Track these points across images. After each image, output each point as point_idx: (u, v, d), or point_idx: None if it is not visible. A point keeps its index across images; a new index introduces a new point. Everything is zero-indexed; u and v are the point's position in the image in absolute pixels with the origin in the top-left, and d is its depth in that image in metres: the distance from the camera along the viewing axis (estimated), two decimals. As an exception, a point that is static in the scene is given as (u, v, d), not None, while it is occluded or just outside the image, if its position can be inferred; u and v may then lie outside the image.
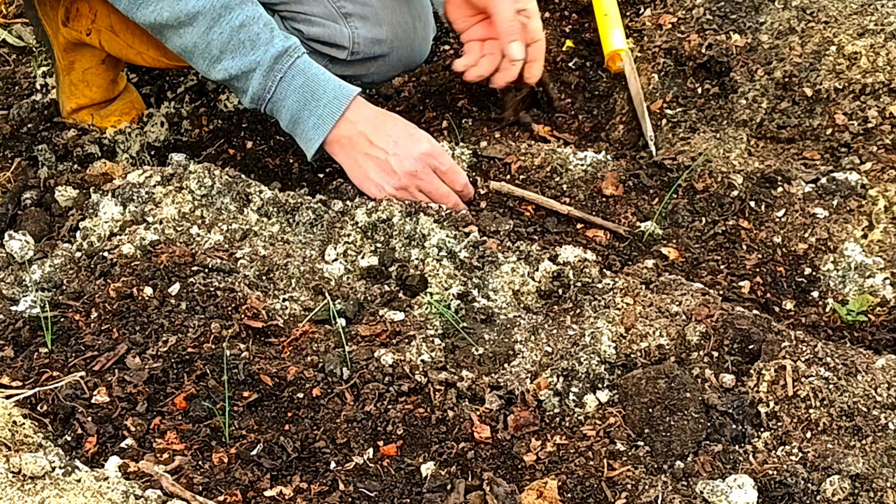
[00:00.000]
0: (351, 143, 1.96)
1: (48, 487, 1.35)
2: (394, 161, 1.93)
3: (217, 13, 1.91)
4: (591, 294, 1.74)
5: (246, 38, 1.93)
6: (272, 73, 1.94)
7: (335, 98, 1.94)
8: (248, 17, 1.93)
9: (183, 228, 1.90)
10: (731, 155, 2.11)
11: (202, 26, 1.92)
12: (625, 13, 2.54)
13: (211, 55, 1.95)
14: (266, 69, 1.93)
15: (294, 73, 1.94)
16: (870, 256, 1.88)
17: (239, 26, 1.92)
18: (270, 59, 1.93)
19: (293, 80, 1.94)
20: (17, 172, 2.19)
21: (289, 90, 1.94)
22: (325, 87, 1.95)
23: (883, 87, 2.13)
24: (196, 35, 1.93)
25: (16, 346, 1.71)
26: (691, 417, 1.52)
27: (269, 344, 1.70)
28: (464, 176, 1.99)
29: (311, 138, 1.97)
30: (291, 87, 1.94)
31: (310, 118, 1.95)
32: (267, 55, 1.93)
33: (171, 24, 1.94)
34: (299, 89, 1.94)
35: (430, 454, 1.52)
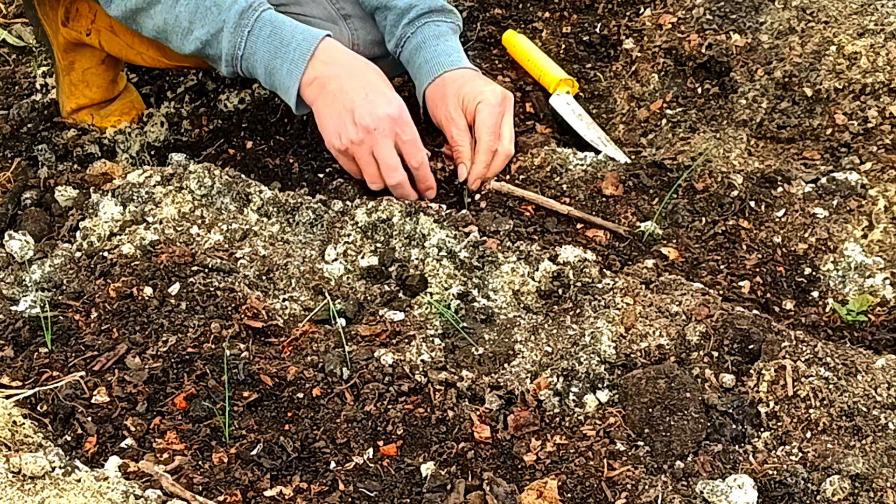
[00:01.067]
0: (322, 85, 1.93)
1: (48, 487, 1.35)
2: (357, 112, 1.90)
3: None
4: (591, 294, 1.74)
5: (211, 4, 1.93)
6: (239, 30, 1.93)
7: (304, 41, 1.92)
8: None
9: (183, 228, 1.90)
10: (731, 155, 2.11)
11: (169, 2, 1.94)
12: (625, 13, 2.54)
13: (181, 28, 1.95)
14: (233, 26, 1.93)
15: (261, 24, 1.93)
16: (870, 256, 1.88)
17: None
18: (235, 16, 1.93)
19: (261, 31, 1.93)
20: (17, 172, 2.19)
21: (258, 42, 1.93)
22: (294, 32, 1.93)
23: (883, 87, 2.13)
24: (165, 11, 1.95)
25: (16, 346, 1.71)
26: (691, 417, 1.52)
27: (269, 344, 1.70)
28: (423, 156, 1.96)
29: (288, 86, 1.94)
30: (260, 39, 1.93)
31: (283, 65, 1.93)
32: (231, 12, 1.93)
33: (141, 7, 1.95)
34: (267, 39, 1.93)
35: (430, 454, 1.52)
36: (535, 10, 2.61)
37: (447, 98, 2.10)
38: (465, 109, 2.09)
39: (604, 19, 2.56)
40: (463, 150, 2.08)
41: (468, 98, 2.08)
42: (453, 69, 2.12)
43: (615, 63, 2.47)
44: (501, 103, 2.08)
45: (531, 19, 2.59)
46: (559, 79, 2.34)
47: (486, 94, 2.07)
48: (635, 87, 2.39)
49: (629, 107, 2.34)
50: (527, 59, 2.43)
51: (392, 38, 2.21)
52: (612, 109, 2.38)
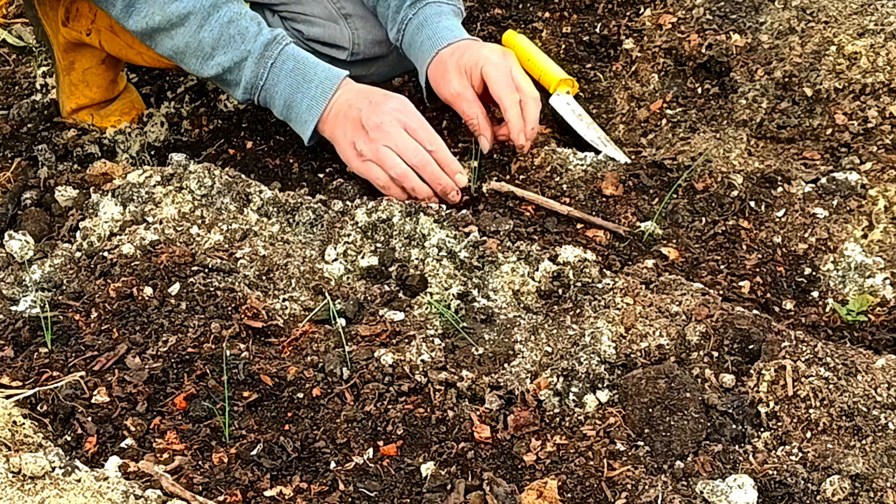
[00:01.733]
0: (337, 117, 1.98)
1: (48, 487, 1.35)
2: (364, 116, 1.94)
3: (206, 12, 1.96)
4: (591, 294, 1.74)
5: (235, 33, 1.97)
6: (263, 60, 1.98)
7: (326, 79, 1.98)
8: (235, 14, 1.98)
9: (183, 228, 1.90)
10: (731, 155, 2.11)
11: (193, 26, 1.97)
12: (625, 13, 2.54)
13: (203, 52, 1.99)
14: (257, 57, 1.98)
15: (284, 58, 1.98)
16: (870, 256, 1.88)
17: (228, 22, 1.97)
18: (261, 47, 1.97)
19: (284, 64, 1.98)
20: (17, 172, 2.19)
21: (280, 75, 1.99)
22: (316, 69, 1.99)
23: (883, 87, 2.13)
24: (188, 35, 1.97)
25: (16, 346, 1.71)
26: (691, 417, 1.52)
27: (269, 344, 1.70)
28: (437, 138, 1.97)
29: (306, 120, 1.99)
30: (283, 72, 1.98)
31: (303, 100, 1.98)
32: (257, 44, 1.97)
33: (163, 27, 1.98)
34: (290, 73, 1.98)
35: (430, 454, 1.52)
36: (535, 10, 2.61)
37: (448, 73, 2.09)
38: (470, 78, 2.08)
39: (604, 19, 2.56)
40: (478, 122, 2.08)
41: (469, 65, 2.07)
42: (451, 43, 2.11)
43: (615, 63, 2.47)
44: (505, 58, 2.08)
45: (531, 19, 2.59)
46: (559, 79, 2.34)
47: (485, 55, 2.06)
48: (635, 87, 2.39)
49: (629, 107, 2.34)
50: (527, 58, 2.43)
51: (394, 24, 2.20)
52: (612, 109, 2.38)
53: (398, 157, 1.95)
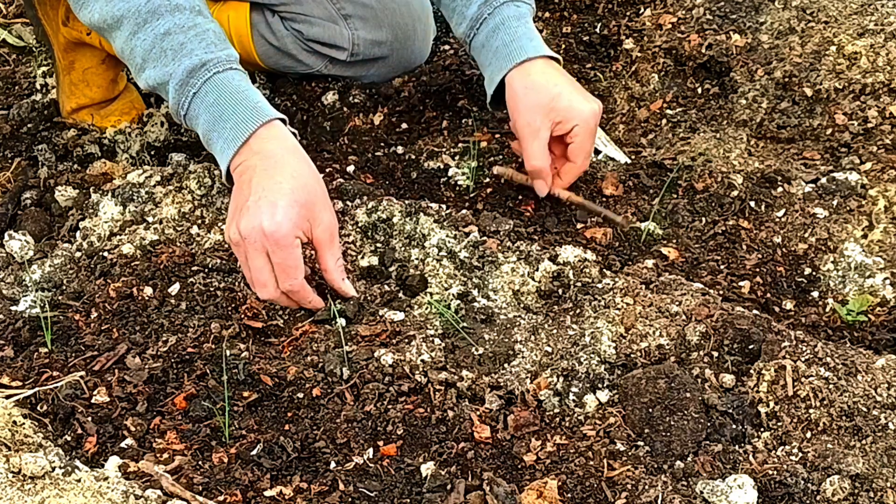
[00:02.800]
0: (239, 176, 1.73)
1: (48, 487, 1.35)
2: (240, 216, 1.68)
3: (142, 18, 1.76)
4: (591, 294, 1.74)
5: (168, 48, 1.75)
6: (186, 88, 1.75)
7: (241, 122, 1.72)
8: (176, 26, 1.76)
9: (183, 228, 1.90)
10: (731, 155, 2.11)
11: (126, 31, 1.78)
12: (625, 13, 2.54)
13: (135, 63, 1.80)
14: (178, 83, 1.75)
15: (208, 88, 1.74)
16: (870, 256, 1.88)
17: (163, 34, 1.75)
18: (184, 73, 1.74)
19: (206, 96, 1.74)
20: (17, 172, 2.19)
21: (201, 108, 1.75)
22: (236, 108, 1.73)
23: (883, 87, 2.13)
24: (122, 40, 1.79)
25: (16, 346, 1.71)
26: (691, 417, 1.52)
27: (269, 344, 1.70)
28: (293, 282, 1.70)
29: (220, 161, 1.76)
30: (204, 105, 1.75)
31: (217, 141, 1.75)
32: (181, 67, 1.74)
33: (102, 27, 1.82)
34: (210, 107, 1.74)
35: (430, 454, 1.52)
36: (536, 9, 2.61)
37: (535, 105, 1.97)
38: (555, 123, 1.97)
39: (604, 19, 2.56)
40: (541, 169, 1.99)
41: (564, 116, 1.97)
42: (538, 57, 2.00)
43: (615, 63, 2.46)
44: (597, 124, 2.00)
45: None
46: None
47: (584, 115, 1.97)
48: (635, 87, 2.39)
49: (629, 107, 2.34)
50: None
51: (463, 20, 2.08)
52: (612, 109, 2.38)
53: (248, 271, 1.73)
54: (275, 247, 1.66)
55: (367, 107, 2.38)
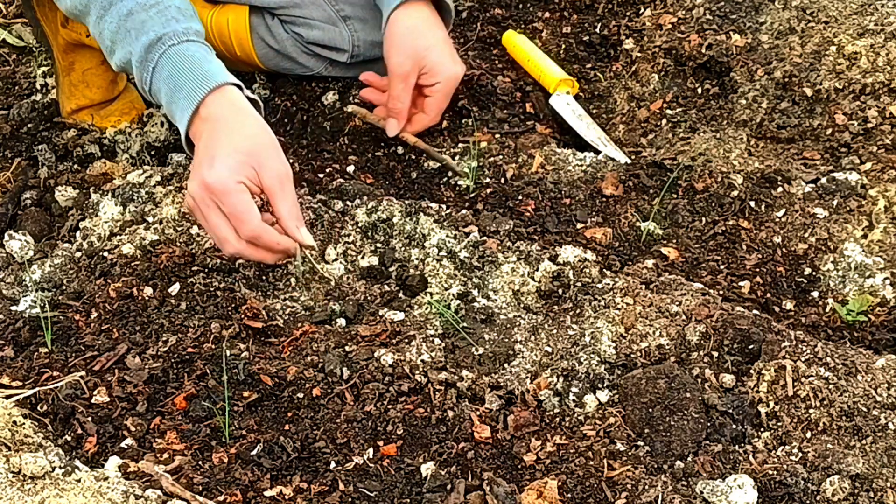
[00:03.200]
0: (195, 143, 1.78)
1: (48, 487, 1.35)
2: (193, 174, 1.74)
3: (108, 2, 1.81)
4: (591, 294, 1.74)
5: (131, 27, 1.79)
6: (145, 64, 1.79)
7: (193, 90, 1.76)
8: (139, 5, 1.80)
9: (183, 228, 1.90)
10: (731, 155, 2.11)
11: (94, 16, 1.83)
12: (625, 13, 2.54)
13: (105, 46, 1.85)
14: (139, 60, 1.80)
15: (164, 62, 1.78)
16: (870, 256, 1.88)
17: (126, 14, 1.80)
18: (142, 50, 1.79)
19: (162, 70, 1.78)
20: (17, 172, 2.19)
21: (160, 81, 1.79)
22: (188, 78, 1.77)
23: (883, 87, 2.12)
24: (92, 25, 1.84)
25: (16, 346, 1.71)
26: (691, 417, 1.52)
27: (269, 344, 1.70)
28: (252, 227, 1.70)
29: (180, 129, 1.80)
30: (161, 79, 1.79)
31: (175, 110, 1.79)
32: (139, 45, 1.79)
33: (76, 14, 1.87)
34: (167, 80, 1.78)
35: (430, 454, 1.52)
36: (535, 10, 2.61)
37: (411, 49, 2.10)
38: (422, 74, 2.11)
39: (604, 19, 2.56)
40: (401, 109, 2.12)
41: (431, 70, 2.11)
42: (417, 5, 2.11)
43: (615, 63, 2.46)
44: (456, 85, 2.15)
45: (531, 19, 2.59)
46: (559, 79, 2.34)
47: (448, 74, 2.13)
48: (635, 87, 2.39)
49: (629, 107, 2.34)
50: (527, 59, 2.43)
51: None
52: (612, 109, 2.38)
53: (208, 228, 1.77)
54: (221, 196, 1.68)
55: (367, 107, 2.38)
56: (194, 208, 1.74)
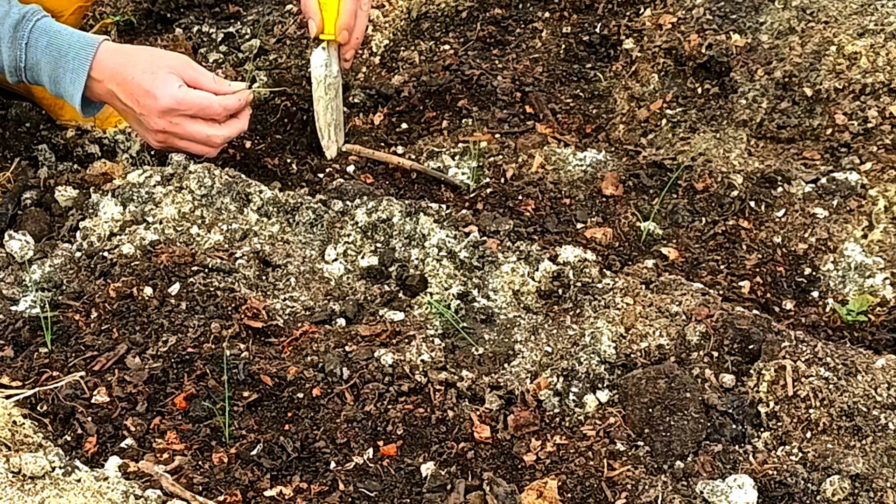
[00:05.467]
0: (110, 98, 1.97)
1: (48, 487, 1.35)
2: (144, 120, 1.95)
3: None
4: (591, 294, 1.74)
5: None
6: (16, 42, 1.93)
7: (81, 49, 1.93)
8: None
9: (183, 228, 1.90)
10: (731, 155, 2.11)
11: None
12: (625, 13, 2.54)
13: None
14: (9, 40, 1.93)
15: (37, 35, 1.93)
16: (870, 256, 1.88)
17: None
18: (10, 29, 1.92)
19: (38, 41, 1.93)
20: (17, 172, 2.19)
21: (38, 53, 1.93)
22: (70, 40, 1.94)
23: (883, 87, 2.13)
24: None
25: (16, 346, 1.71)
26: (691, 417, 1.52)
27: (269, 344, 1.70)
28: (216, 104, 1.96)
29: (72, 94, 1.95)
30: (39, 49, 1.93)
31: (65, 74, 1.94)
32: (5, 26, 1.92)
33: None
34: (45, 50, 1.93)
35: (430, 454, 1.52)
36: (535, 10, 2.61)
37: None
38: None
39: (604, 19, 2.56)
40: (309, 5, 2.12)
41: None
42: None
43: (615, 63, 2.46)
44: None
45: (531, 19, 2.59)
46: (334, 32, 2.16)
47: None
48: (635, 87, 2.39)
49: (629, 107, 2.34)
50: None
51: None
52: (612, 109, 2.37)
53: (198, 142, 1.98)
54: (181, 105, 1.93)
55: (367, 107, 2.38)
56: (168, 136, 1.95)
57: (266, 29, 2.67)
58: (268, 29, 2.67)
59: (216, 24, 2.74)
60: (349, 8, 2.11)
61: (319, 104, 2.15)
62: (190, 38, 2.69)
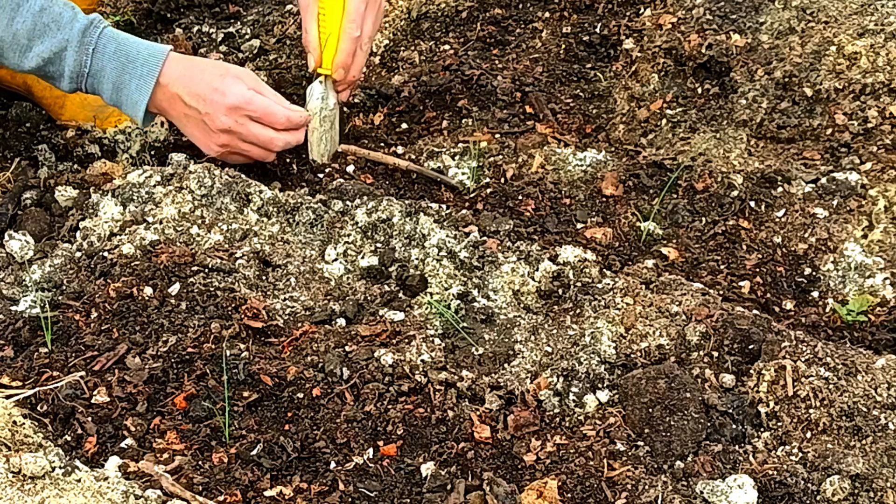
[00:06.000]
0: (171, 105, 2.01)
1: (48, 487, 1.35)
2: (208, 121, 1.99)
3: (16, 3, 1.92)
4: (591, 294, 1.74)
5: (49, 21, 1.93)
6: (83, 47, 1.95)
7: (150, 56, 1.97)
8: (45, 1, 1.94)
9: (183, 228, 1.90)
10: (731, 155, 2.11)
11: (4, 18, 1.93)
12: (625, 13, 2.54)
13: (20, 45, 1.94)
14: (77, 44, 1.95)
15: (105, 41, 1.96)
16: (870, 256, 1.88)
17: (39, 11, 1.93)
18: (79, 34, 1.94)
19: (105, 48, 1.96)
20: (17, 172, 2.19)
21: (104, 59, 1.96)
22: (138, 47, 1.98)
23: (883, 87, 2.13)
24: (1, 28, 1.93)
25: (16, 346, 1.71)
26: (691, 417, 1.52)
27: (269, 344, 1.70)
28: (281, 112, 2.02)
29: (137, 101, 1.99)
30: (106, 56, 1.96)
31: (131, 81, 1.97)
32: (74, 30, 1.94)
33: None
34: (114, 56, 1.96)
35: (430, 454, 1.52)
36: (535, 10, 2.61)
37: None
38: None
39: (604, 19, 2.56)
40: (309, 39, 2.13)
41: None
42: None
43: (615, 63, 2.46)
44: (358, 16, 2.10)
45: (531, 19, 2.59)
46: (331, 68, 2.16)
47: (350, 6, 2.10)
48: (635, 87, 2.39)
49: (629, 107, 2.34)
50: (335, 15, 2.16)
51: None
52: (612, 109, 2.37)
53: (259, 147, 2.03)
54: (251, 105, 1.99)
55: (367, 107, 2.38)
56: (231, 137, 1.99)
57: (266, 29, 2.67)
58: (268, 29, 2.67)
59: (216, 24, 2.74)
60: (347, 47, 2.11)
61: (314, 136, 2.15)
62: (190, 38, 2.69)
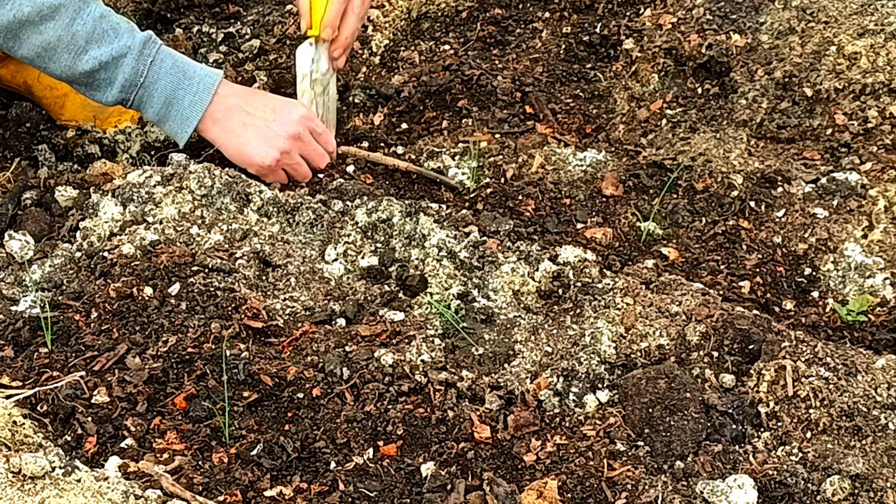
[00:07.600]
0: (226, 116, 2.04)
1: (48, 487, 1.35)
2: (276, 126, 2.04)
3: (77, 5, 1.94)
4: (591, 294, 1.74)
5: (109, 28, 1.96)
6: (143, 58, 1.99)
7: (206, 76, 2.03)
8: (105, 10, 1.98)
9: (183, 228, 1.90)
10: (731, 155, 2.11)
11: (66, 18, 1.94)
12: (625, 13, 2.54)
13: (77, 46, 1.95)
14: (137, 53, 1.98)
15: (163, 56, 2.01)
16: (870, 256, 1.88)
17: (100, 17, 1.96)
18: (140, 44, 1.98)
19: (163, 62, 2.00)
20: (17, 172, 2.19)
21: (160, 72, 2.00)
22: (195, 67, 2.04)
23: (883, 87, 2.13)
24: (60, 28, 1.94)
25: (16, 346, 1.71)
26: (691, 417, 1.52)
27: (269, 344, 1.70)
28: (331, 136, 2.17)
29: (188, 116, 2.03)
30: (163, 70, 2.00)
31: (185, 96, 2.02)
32: (136, 40, 1.98)
33: (32, 20, 1.93)
34: (170, 70, 2.01)
35: (430, 454, 1.52)
36: (535, 10, 2.61)
37: None
38: None
39: (604, 19, 2.56)
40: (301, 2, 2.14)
41: None
42: None
43: (615, 63, 2.46)
44: None
45: (531, 19, 2.59)
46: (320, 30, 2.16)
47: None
48: (635, 87, 2.39)
49: (629, 107, 2.34)
50: None
51: None
52: (612, 109, 2.37)
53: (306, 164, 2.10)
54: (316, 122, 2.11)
55: (367, 107, 2.38)
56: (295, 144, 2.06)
57: (266, 29, 2.67)
58: (268, 29, 2.66)
59: (216, 24, 2.74)
60: (335, 7, 2.13)
61: (304, 98, 2.16)
62: (190, 38, 2.69)
